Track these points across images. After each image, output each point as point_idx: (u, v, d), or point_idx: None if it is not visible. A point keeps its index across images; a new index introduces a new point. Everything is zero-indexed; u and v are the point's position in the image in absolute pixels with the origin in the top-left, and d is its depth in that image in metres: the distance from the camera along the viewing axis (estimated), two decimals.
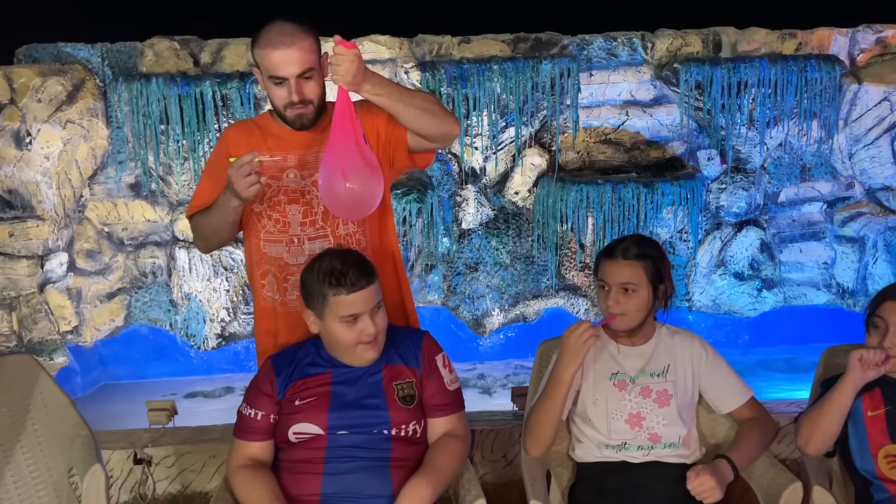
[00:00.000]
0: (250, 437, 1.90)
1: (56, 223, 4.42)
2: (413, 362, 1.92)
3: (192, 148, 4.39)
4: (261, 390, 1.92)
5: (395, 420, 1.87)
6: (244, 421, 1.92)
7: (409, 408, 1.88)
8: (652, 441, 1.97)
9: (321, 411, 1.85)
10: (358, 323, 1.83)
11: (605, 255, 2.00)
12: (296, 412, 1.87)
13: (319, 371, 1.90)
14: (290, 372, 1.91)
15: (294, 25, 1.94)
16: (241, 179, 1.86)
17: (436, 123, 2.00)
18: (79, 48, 4.52)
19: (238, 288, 4.66)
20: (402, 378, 1.90)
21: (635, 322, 1.99)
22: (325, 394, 1.87)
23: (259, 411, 1.89)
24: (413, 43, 4.64)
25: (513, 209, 4.83)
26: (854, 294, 4.98)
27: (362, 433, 1.85)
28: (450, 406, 1.93)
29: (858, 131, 4.83)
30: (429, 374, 1.92)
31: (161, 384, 4.60)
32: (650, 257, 1.97)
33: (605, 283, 1.98)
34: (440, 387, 1.92)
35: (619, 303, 1.96)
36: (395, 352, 1.94)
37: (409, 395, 1.89)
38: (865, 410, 1.94)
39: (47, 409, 2.21)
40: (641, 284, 1.96)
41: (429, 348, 1.96)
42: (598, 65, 4.70)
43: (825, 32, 4.82)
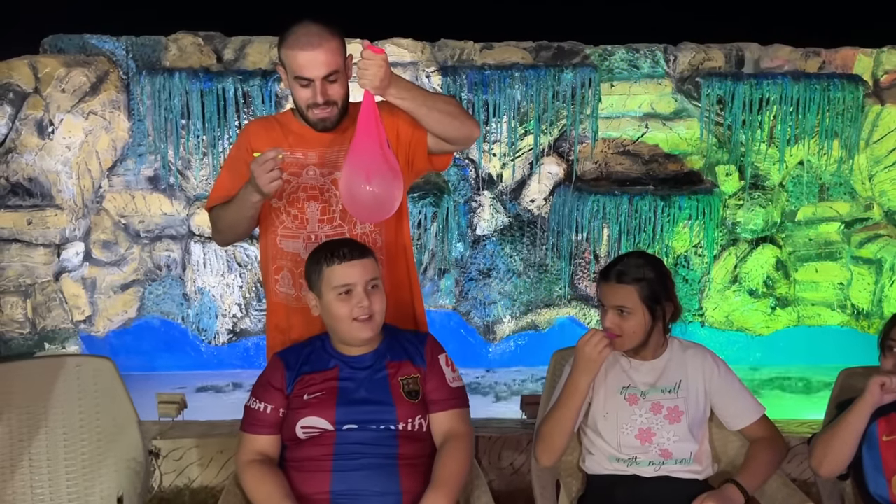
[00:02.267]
0: (259, 430, 1.91)
1: (74, 213, 4.46)
2: (418, 360, 1.94)
3: (211, 143, 4.42)
4: (270, 384, 1.92)
5: (402, 414, 1.88)
6: (252, 415, 1.92)
7: (414, 402, 1.90)
8: (663, 456, 1.96)
9: (329, 406, 1.86)
10: (352, 297, 1.85)
11: (602, 276, 2.01)
12: (304, 406, 1.88)
13: (327, 366, 1.92)
14: (299, 367, 1.93)
15: (321, 27, 1.95)
16: (265, 174, 1.88)
17: (457, 126, 2.02)
18: (104, 40, 4.57)
19: (251, 284, 4.68)
20: (408, 373, 1.92)
21: (632, 343, 1.98)
22: (332, 389, 1.88)
23: (268, 405, 1.90)
24: (435, 47, 4.66)
25: (528, 217, 4.83)
26: (869, 316, 4.94)
27: (369, 429, 1.86)
28: (451, 401, 1.93)
29: (879, 153, 4.80)
30: (432, 371, 1.94)
31: (170, 377, 4.61)
32: (645, 280, 1.96)
33: (603, 304, 2.00)
34: (441, 382, 1.94)
35: (615, 324, 1.96)
36: (400, 349, 1.96)
37: (414, 391, 1.91)
38: (881, 435, 1.92)
39: (115, 422, 2.14)
40: (635, 307, 1.95)
41: (432, 348, 1.99)
42: (620, 76, 4.70)
43: (849, 52, 4.81)
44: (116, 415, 2.14)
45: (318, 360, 1.94)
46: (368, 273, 1.88)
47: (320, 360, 1.94)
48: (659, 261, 2.06)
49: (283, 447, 1.93)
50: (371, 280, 1.88)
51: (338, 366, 1.91)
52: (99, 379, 2.15)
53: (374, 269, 1.90)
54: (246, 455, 1.90)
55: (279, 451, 1.93)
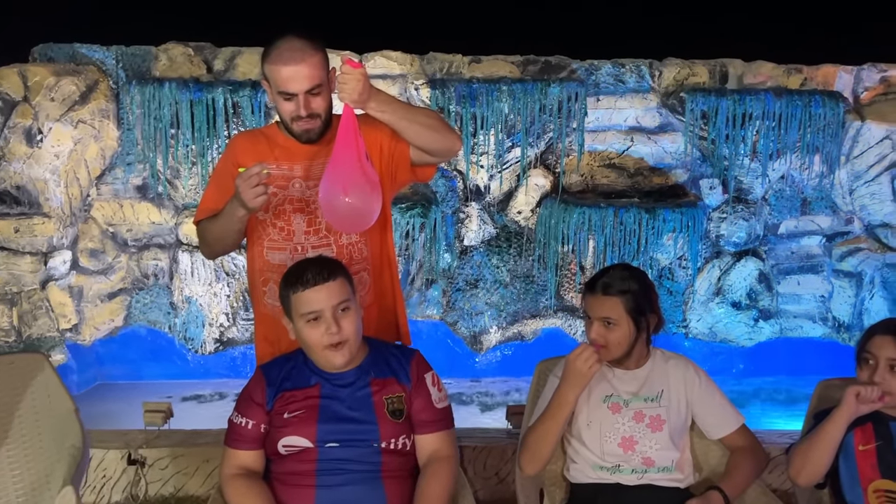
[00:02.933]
0: (241, 445, 1.91)
1: (62, 221, 4.46)
2: (403, 378, 1.92)
3: (200, 153, 4.43)
4: (251, 399, 1.91)
5: (385, 434, 1.87)
6: (235, 430, 1.92)
7: (398, 422, 1.88)
8: (645, 465, 1.99)
9: (310, 424, 1.85)
10: (321, 323, 1.83)
11: (588, 288, 2.05)
12: (284, 425, 1.87)
13: (308, 383, 1.90)
14: (280, 383, 1.91)
15: (304, 41, 1.97)
16: (249, 190, 1.89)
17: (438, 139, 2.05)
18: (94, 49, 4.58)
19: (238, 293, 4.68)
20: (392, 392, 1.90)
21: (617, 354, 2.02)
22: (313, 406, 1.87)
23: (250, 420, 1.90)
24: (424, 60, 4.70)
25: (515, 228, 4.87)
26: (850, 328, 5.01)
27: (352, 446, 1.85)
28: (436, 423, 1.92)
29: (860, 168, 4.88)
30: (418, 390, 1.92)
31: (157, 386, 4.60)
32: (630, 292, 2.00)
33: (588, 316, 2.03)
34: (427, 403, 1.92)
35: (600, 335, 2.00)
36: (385, 366, 1.93)
37: (398, 410, 1.89)
38: (857, 445, 1.95)
39: (51, 411, 2.19)
40: (621, 319, 1.98)
41: (418, 366, 1.96)
42: (606, 90, 4.76)
43: (830, 69, 4.89)
44: (53, 405, 2.18)
45: (299, 375, 1.92)
46: (336, 296, 1.83)
47: (301, 377, 1.92)
48: (643, 273, 2.10)
49: (268, 459, 1.93)
50: (340, 303, 1.84)
51: (319, 383, 1.90)
52: (34, 374, 2.19)
53: (341, 290, 1.85)
54: (229, 469, 1.91)
55: (263, 464, 1.93)
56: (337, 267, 1.89)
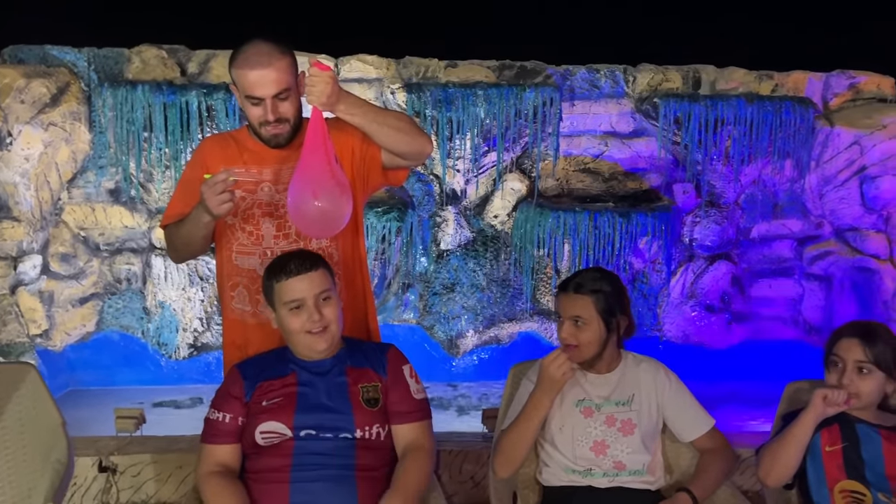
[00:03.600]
0: (219, 440, 1.91)
1: (32, 225, 4.39)
2: (380, 369, 1.95)
3: (174, 156, 4.39)
4: (229, 393, 1.93)
5: (359, 421, 1.89)
6: (212, 425, 1.93)
7: (373, 410, 1.90)
8: (617, 468, 2.01)
9: (288, 411, 1.87)
10: (303, 311, 1.87)
11: (560, 288, 2.08)
12: (262, 412, 1.89)
13: (285, 372, 1.93)
14: (257, 375, 1.94)
15: (271, 46, 1.96)
16: (214, 197, 1.89)
17: (409, 142, 2.04)
18: (65, 51, 4.52)
19: (213, 298, 4.64)
20: (368, 381, 1.93)
21: (587, 354, 2.03)
22: (291, 394, 1.90)
23: (227, 414, 1.91)
24: (400, 64, 4.71)
25: (491, 232, 4.88)
26: (820, 331, 5.08)
27: (327, 438, 1.86)
28: (415, 413, 1.94)
29: (829, 172, 4.96)
30: (395, 381, 1.95)
31: (130, 392, 4.54)
32: (601, 292, 2.02)
33: (560, 316, 2.05)
34: (405, 394, 1.94)
35: (571, 335, 2.01)
36: (362, 356, 1.97)
37: (373, 398, 1.92)
38: (824, 446, 1.98)
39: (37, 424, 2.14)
40: (591, 318, 2.00)
41: (395, 358, 1.99)
42: (581, 95, 4.80)
43: (801, 75, 4.97)
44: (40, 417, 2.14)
45: (276, 367, 1.96)
46: (318, 286, 1.89)
47: (278, 367, 1.95)
48: (615, 276, 2.12)
49: (243, 458, 1.94)
50: (322, 292, 1.89)
51: (295, 371, 1.93)
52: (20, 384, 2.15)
53: (323, 280, 1.91)
54: (206, 466, 1.91)
55: (240, 461, 1.94)
56: (318, 259, 1.94)
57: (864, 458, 1.95)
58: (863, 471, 1.94)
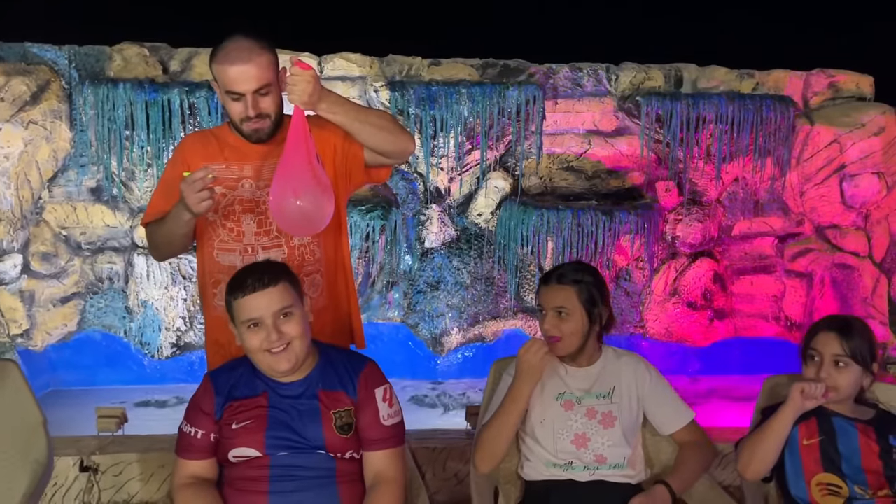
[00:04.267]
0: (191, 455, 1.87)
1: (12, 224, 4.35)
2: (351, 391, 1.87)
3: (156, 155, 4.37)
4: (200, 408, 1.87)
5: (332, 448, 1.83)
6: (185, 439, 1.88)
7: (346, 437, 1.84)
8: (598, 462, 2.02)
9: (258, 434, 1.82)
10: (260, 329, 1.79)
11: (543, 280, 2.09)
12: (233, 436, 1.83)
13: (256, 391, 1.86)
14: (227, 391, 1.87)
15: (252, 41, 1.96)
16: (193, 195, 1.87)
17: (391, 140, 2.04)
18: (46, 49, 4.48)
19: (196, 297, 4.62)
20: (341, 406, 1.85)
21: (571, 347, 2.05)
22: (261, 416, 1.83)
23: (199, 430, 1.86)
24: (383, 62, 4.70)
25: (475, 230, 4.89)
26: (801, 327, 5.13)
27: (303, 455, 1.82)
28: (383, 441, 1.86)
29: (809, 170, 5.01)
30: (365, 405, 1.86)
31: (112, 392, 4.51)
32: (584, 282, 2.04)
33: (542, 307, 2.06)
34: (374, 420, 1.86)
35: (554, 326, 2.03)
36: (334, 376, 1.88)
37: (346, 424, 1.84)
38: (801, 439, 2.01)
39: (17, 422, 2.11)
40: (574, 308, 2.02)
41: (369, 378, 1.89)
42: (564, 94, 4.82)
43: (781, 74, 5.02)
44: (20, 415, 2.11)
45: (246, 384, 1.88)
46: (276, 303, 1.78)
47: (249, 385, 1.87)
48: (595, 269, 2.15)
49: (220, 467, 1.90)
50: (282, 309, 1.79)
51: (266, 392, 1.86)
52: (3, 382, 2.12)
53: (283, 297, 1.80)
54: (179, 479, 1.88)
55: (215, 472, 1.90)
56: (280, 272, 1.83)
57: (840, 451, 1.97)
58: (839, 464, 1.96)
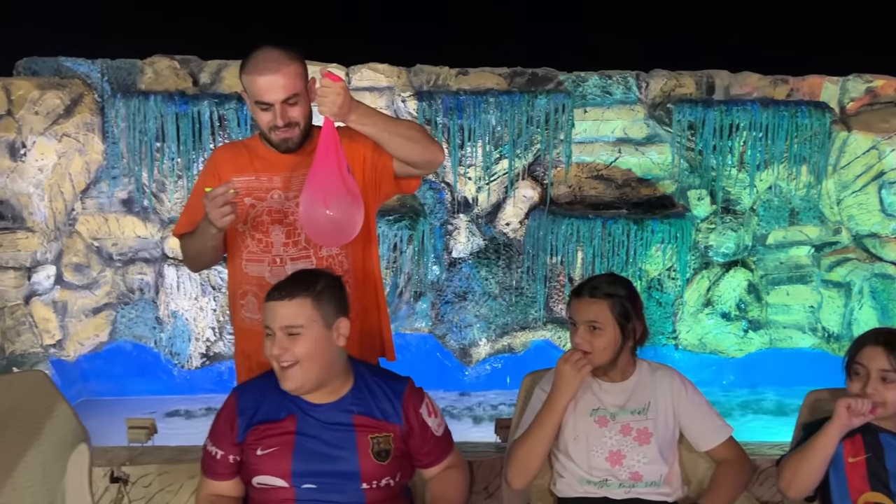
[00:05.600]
0: (214, 476, 1.85)
1: (46, 235, 4.41)
2: (394, 417, 1.82)
3: (186, 166, 4.41)
4: (222, 429, 1.84)
5: (367, 475, 1.78)
6: (208, 458, 1.85)
7: (383, 463, 1.79)
8: (633, 479, 1.97)
9: (284, 463, 1.77)
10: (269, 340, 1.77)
11: (575, 293, 2.04)
12: (257, 462, 1.79)
13: (282, 415, 1.81)
14: (253, 413, 1.82)
15: (280, 52, 1.97)
16: (215, 210, 1.88)
17: (420, 151, 2.03)
18: (79, 63, 4.56)
19: (225, 308, 4.64)
20: (379, 431, 1.81)
21: (602, 360, 1.99)
22: (287, 443, 1.78)
23: (219, 451, 1.83)
24: (411, 72, 4.70)
25: (503, 240, 4.85)
26: (839, 339, 5.00)
27: (331, 489, 1.76)
28: (443, 452, 1.91)
29: (847, 178, 4.90)
30: (415, 428, 1.84)
31: (142, 402, 4.54)
32: (617, 296, 1.99)
33: (574, 321, 2.01)
34: (428, 437, 1.86)
35: (586, 340, 1.97)
36: (371, 402, 1.83)
37: (384, 451, 1.80)
38: (846, 457, 1.94)
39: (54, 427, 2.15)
40: (607, 323, 1.97)
41: (411, 400, 1.85)
42: (593, 102, 4.77)
43: (816, 80, 4.92)
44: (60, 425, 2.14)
45: (273, 405, 1.81)
46: (286, 318, 1.75)
47: (276, 407, 1.81)
48: (629, 282, 2.10)
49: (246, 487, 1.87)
50: (289, 326, 1.74)
51: (294, 415, 1.80)
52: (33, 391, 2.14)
53: (293, 315, 1.75)
54: (203, 498, 1.86)
55: (241, 490, 1.86)
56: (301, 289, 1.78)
57: (888, 468, 1.91)
58: (887, 482, 1.90)
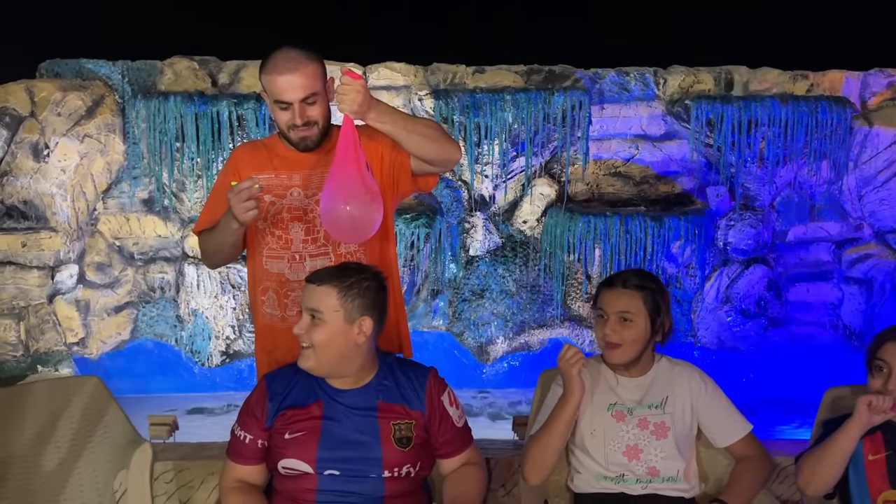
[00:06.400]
0: (240, 460, 1.88)
1: (68, 235, 4.47)
2: (416, 404, 1.87)
3: (206, 166, 4.45)
4: (252, 413, 1.88)
5: (388, 461, 1.81)
6: (235, 443, 1.89)
7: (404, 450, 1.83)
8: (650, 474, 1.96)
9: (310, 448, 1.81)
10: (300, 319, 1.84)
11: (605, 284, 2.03)
12: (284, 446, 1.83)
13: (309, 400, 1.86)
14: (282, 398, 1.87)
15: (299, 52, 1.99)
16: (239, 204, 1.91)
17: (437, 149, 2.05)
18: (100, 64, 4.61)
19: (244, 306, 4.68)
20: (401, 418, 1.85)
21: (632, 354, 1.99)
22: (314, 428, 1.82)
23: (248, 435, 1.87)
24: (428, 71, 4.71)
25: (520, 238, 4.85)
26: (861, 336, 4.95)
27: (353, 477, 1.81)
28: (464, 443, 1.93)
29: (868, 173, 4.85)
30: (437, 416, 1.88)
31: (164, 399, 4.59)
32: (649, 289, 1.99)
33: (604, 312, 2.00)
34: (450, 427, 1.89)
35: (616, 332, 1.97)
36: (395, 389, 1.87)
37: (406, 437, 1.83)
38: (866, 454, 1.92)
39: (109, 430, 2.23)
40: (639, 314, 1.96)
41: (434, 388, 1.90)
42: (610, 98, 4.75)
43: (837, 75, 4.87)
44: (114, 428, 2.21)
45: (302, 391, 1.87)
46: (310, 301, 1.83)
47: (304, 393, 1.87)
48: (658, 278, 2.09)
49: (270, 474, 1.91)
50: (313, 310, 1.82)
51: (322, 401, 1.85)
52: (91, 396, 2.22)
53: (316, 300, 1.82)
54: (228, 481, 1.89)
55: (265, 477, 1.90)
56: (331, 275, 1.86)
57: None
58: None
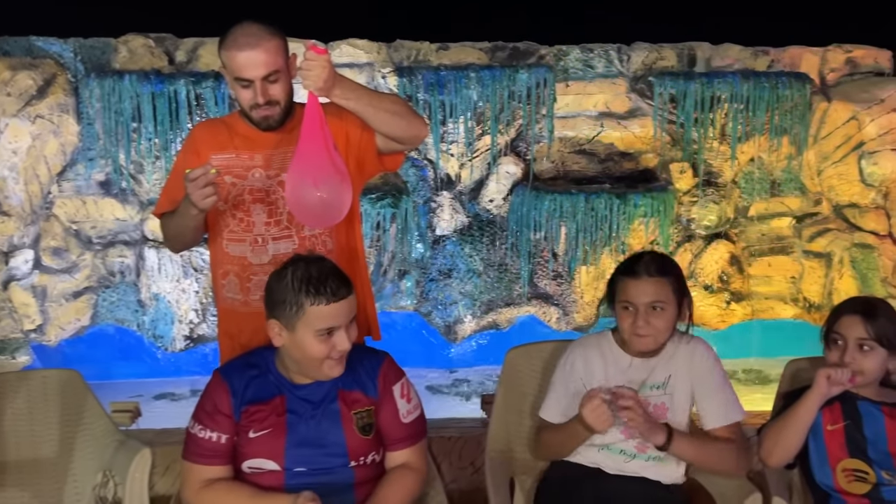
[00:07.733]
0: (209, 461, 1.78)
1: (22, 219, 4.35)
2: (371, 389, 1.83)
3: (164, 146, 4.35)
4: (218, 409, 1.79)
5: (353, 451, 1.80)
6: (200, 443, 1.78)
7: (367, 438, 1.81)
8: (637, 450, 1.94)
9: (277, 445, 1.77)
10: (333, 337, 1.73)
11: (628, 274, 1.90)
12: (249, 445, 1.78)
13: (271, 395, 1.81)
14: (243, 393, 1.80)
15: (260, 27, 1.92)
16: (197, 191, 1.84)
17: (404, 126, 2.00)
18: (51, 42, 4.46)
19: (207, 289, 4.61)
20: (360, 406, 1.82)
21: (662, 341, 1.92)
22: (280, 424, 1.78)
23: (219, 433, 1.78)
24: (391, 48, 4.65)
25: (487, 217, 4.84)
26: (820, 308, 5.05)
27: (320, 470, 1.78)
28: (404, 440, 1.85)
29: (827, 149, 4.92)
30: (384, 403, 1.84)
31: (126, 385, 4.52)
32: (673, 274, 1.91)
33: (631, 304, 1.88)
34: (394, 419, 1.84)
35: (648, 323, 1.87)
36: (352, 376, 1.83)
37: (367, 425, 1.81)
38: (825, 424, 1.97)
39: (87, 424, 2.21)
40: (669, 301, 1.88)
41: (387, 375, 1.86)
42: (575, 76, 4.74)
43: (797, 51, 4.92)
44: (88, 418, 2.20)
45: (262, 386, 1.81)
46: (352, 311, 1.77)
47: (265, 387, 1.81)
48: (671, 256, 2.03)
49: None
50: (353, 317, 1.78)
51: (284, 395, 1.80)
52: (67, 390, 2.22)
53: (354, 305, 1.78)
54: (194, 486, 1.78)
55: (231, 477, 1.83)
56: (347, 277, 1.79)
57: (866, 435, 1.94)
58: (865, 449, 1.93)
